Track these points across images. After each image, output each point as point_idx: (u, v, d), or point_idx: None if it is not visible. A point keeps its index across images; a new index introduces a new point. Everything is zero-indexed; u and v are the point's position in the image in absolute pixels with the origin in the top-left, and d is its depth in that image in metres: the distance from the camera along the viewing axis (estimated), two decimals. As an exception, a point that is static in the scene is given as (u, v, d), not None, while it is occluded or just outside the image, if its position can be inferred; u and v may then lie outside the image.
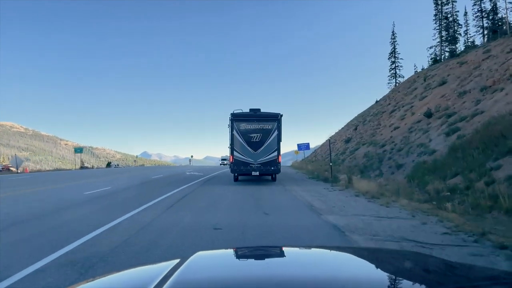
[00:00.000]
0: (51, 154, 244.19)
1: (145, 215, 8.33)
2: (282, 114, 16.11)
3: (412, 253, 2.63)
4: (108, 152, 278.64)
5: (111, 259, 4.76)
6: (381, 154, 20.37)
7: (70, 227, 6.95)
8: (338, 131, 49.98)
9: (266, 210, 9.07)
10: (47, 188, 15.94)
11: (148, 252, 5.15)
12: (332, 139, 45.34)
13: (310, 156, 53.31)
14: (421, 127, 20.23)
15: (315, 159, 42.03)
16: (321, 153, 43.64)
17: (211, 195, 12.60)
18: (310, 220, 7.76)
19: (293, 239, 6.13)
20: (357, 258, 1.82)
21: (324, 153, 39.21)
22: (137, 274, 1.67)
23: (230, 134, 16.08)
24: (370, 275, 1.47)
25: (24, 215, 8.52)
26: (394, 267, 1.70)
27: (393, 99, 35.72)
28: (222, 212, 9.17)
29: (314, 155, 47.59)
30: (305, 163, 36.70)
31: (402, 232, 6.19)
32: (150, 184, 17.88)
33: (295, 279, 1.37)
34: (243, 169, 15.95)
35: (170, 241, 5.77)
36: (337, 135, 46.27)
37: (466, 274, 1.59)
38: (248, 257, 1.96)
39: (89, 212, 9.03)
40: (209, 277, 1.44)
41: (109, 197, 12.13)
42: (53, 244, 5.49)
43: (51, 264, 4.55)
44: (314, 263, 1.71)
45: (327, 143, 47.41)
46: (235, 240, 5.94)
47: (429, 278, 1.51)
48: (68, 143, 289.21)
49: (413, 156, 16.94)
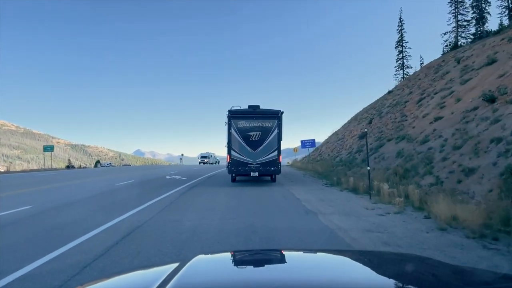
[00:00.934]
0: (42, 153, 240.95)
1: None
2: (283, 111, 15.26)
3: (413, 257, 2.53)
4: (101, 150, 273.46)
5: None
6: (426, 153, 14.62)
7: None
8: (344, 126, 44.27)
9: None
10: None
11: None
12: (340, 134, 39.55)
13: (313, 154, 47.82)
14: (482, 115, 14.49)
15: (320, 158, 36.36)
16: (326, 151, 37.96)
17: (180, 231, 6.72)
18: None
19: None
20: (357, 262, 1.85)
21: (332, 151, 33.51)
22: (137, 277, 1.69)
23: (227, 132, 15.25)
24: (370, 279, 1.46)
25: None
26: (395, 271, 1.69)
27: (416, 87, 29.96)
28: None
29: (319, 153, 41.91)
30: (310, 162, 31.04)
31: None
32: (98, 200, 12.04)
33: (295, 283, 1.38)
34: (241, 169, 15.17)
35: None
36: (345, 130, 40.57)
37: (467, 278, 1.59)
38: (248, 260, 1.97)
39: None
40: (209, 280, 1.44)
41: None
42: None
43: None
44: (315, 266, 1.71)
45: (333, 139, 41.92)
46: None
47: (430, 282, 1.50)
48: (60, 141, 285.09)
49: (491, 155, 11.22)
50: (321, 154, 40.14)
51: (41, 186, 16.87)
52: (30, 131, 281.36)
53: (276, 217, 8.34)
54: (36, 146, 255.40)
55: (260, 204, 10.46)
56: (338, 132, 43.43)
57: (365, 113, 41.59)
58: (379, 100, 41.59)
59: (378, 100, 42.02)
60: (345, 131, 39.79)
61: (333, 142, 41.46)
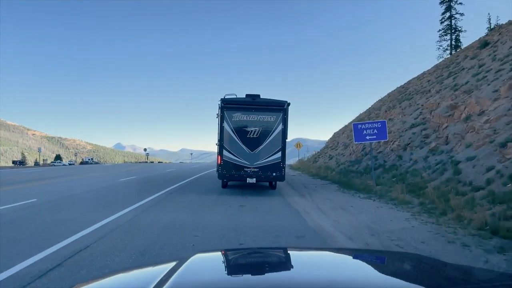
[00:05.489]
0: (17, 145, 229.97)
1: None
2: (289, 103, 12.73)
3: (412, 255, 2.54)
4: (78, 143, 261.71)
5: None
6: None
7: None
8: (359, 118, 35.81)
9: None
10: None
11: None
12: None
13: (310, 155, 39.34)
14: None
15: (330, 159, 27.87)
16: (342, 151, 29.45)
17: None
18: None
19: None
20: (357, 260, 1.82)
21: (357, 150, 24.93)
22: (134, 276, 1.64)
23: (218, 126, 12.74)
24: (369, 277, 1.45)
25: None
26: (394, 269, 1.68)
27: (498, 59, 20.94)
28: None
29: (327, 152, 33.39)
30: (321, 165, 22.38)
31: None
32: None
33: (293, 281, 1.37)
34: (235, 174, 12.45)
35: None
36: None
37: (466, 276, 1.59)
38: (247, 259, 1.90)
39: None
40: (207, 279, 1.41)
41: None
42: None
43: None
44: (313, 265, 1.69)
45: (343, 137, 32.78)
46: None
47: (430, 280, 1.49)
48: (36, 133, 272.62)
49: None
50: (332, 155, 31.73)
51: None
52: (4, 122, 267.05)
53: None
54: (10, 137, 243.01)
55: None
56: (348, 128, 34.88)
57: (384, 102, 33.15)
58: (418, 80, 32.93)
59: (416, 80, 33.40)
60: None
61: (342, 140, 32.97)
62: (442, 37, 42.41)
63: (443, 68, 27.09)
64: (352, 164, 20.15)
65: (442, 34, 42.34)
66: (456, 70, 22.10)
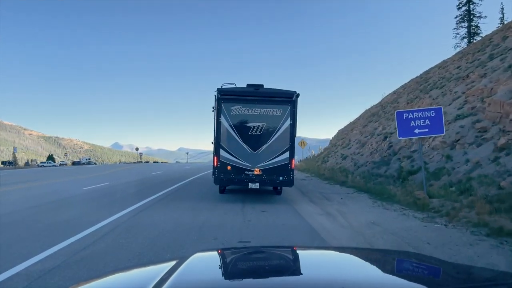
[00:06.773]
0: (13, 144, 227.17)
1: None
2: (298, 94, 11.08)
3: (412, 254, 2.48)
4: (75, 143, 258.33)
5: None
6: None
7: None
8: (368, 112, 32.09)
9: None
10: None
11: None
12: (377, 129, 27.24)
13: (313, 154, 35.74)
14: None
15: (344, 159, 24.19)
16: (359, 150, 25.74)
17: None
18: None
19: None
20: (356, 259, 1.80)
21: (381, 148, 21.24)
22: (134, 275, 1.61)
23: (215, 121, 11.24)
24: (369, 276, 1.42)
25: None
26: (394, 268, 1.65)
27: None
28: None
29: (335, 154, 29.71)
30: (334, 166, 18.50)
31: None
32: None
33: (294, 280, 1.35)
34: (235, 178, 10.90)
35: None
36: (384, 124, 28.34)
37: (465, 275, 1.56)
38: (247, 258, 1.85)
39: None
40: (207, 278, 1.38)
41: None
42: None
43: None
44: (314, 264, 1.67)
45: (354, 134, 28.80)
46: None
47: (429, 279, 1.47)
48: (32, 132, 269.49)
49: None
50: (344, 156, 28.07)
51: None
52: (1, 122, 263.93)
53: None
54: (7, 137, 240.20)
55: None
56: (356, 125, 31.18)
57: (408, 91, 29.50)
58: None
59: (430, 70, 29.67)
60: (378, 125, 27.53)
61: (353, 136, 29.31)
62: (459, 24, 39.49)
63: (475, 53, 23.32)
64: (377, 166, 16.36)
65: (459, 21, 39.46)
66: (500, 51, 18.35)
